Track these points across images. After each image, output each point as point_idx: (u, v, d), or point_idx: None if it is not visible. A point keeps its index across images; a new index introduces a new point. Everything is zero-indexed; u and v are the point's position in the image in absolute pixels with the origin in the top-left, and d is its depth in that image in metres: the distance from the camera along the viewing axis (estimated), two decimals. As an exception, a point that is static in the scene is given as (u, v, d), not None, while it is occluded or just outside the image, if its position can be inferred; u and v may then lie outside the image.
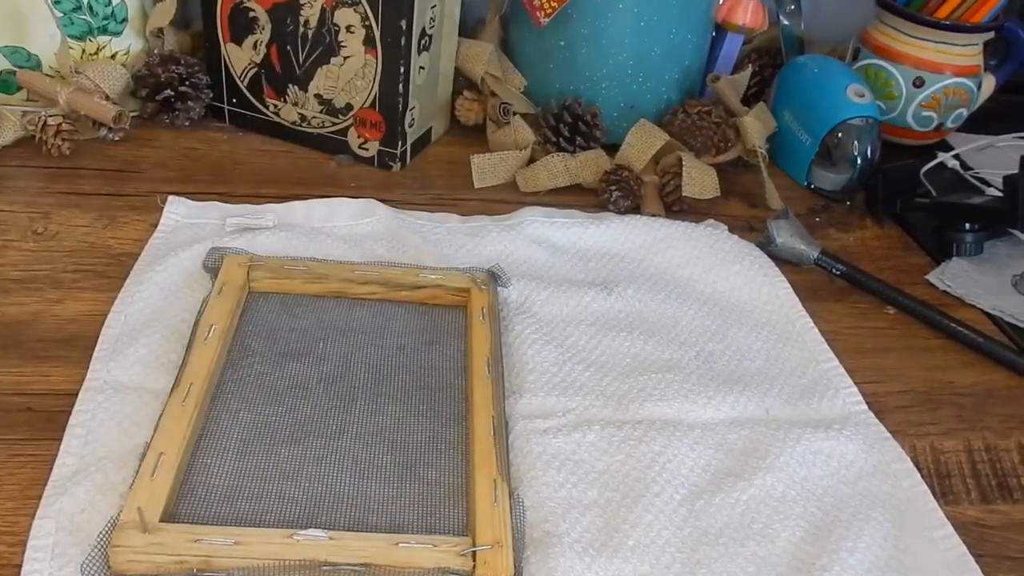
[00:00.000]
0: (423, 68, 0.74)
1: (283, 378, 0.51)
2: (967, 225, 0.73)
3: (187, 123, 0.77)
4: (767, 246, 0.69)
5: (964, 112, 0.89)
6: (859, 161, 0.80)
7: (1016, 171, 0.69)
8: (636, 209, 0.73)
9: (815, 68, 0.83)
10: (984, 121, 0.93)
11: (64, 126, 0.70)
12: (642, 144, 0.76)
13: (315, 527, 0.41)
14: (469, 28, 0.84)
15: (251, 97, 0.77)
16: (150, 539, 0.39)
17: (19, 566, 0.40)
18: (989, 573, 0.46)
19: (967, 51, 0.86)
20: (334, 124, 0.76)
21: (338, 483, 0.46)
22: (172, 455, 0.43)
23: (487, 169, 0.76)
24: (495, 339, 0.54)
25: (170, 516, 0.42)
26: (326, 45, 0.72)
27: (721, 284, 0.65)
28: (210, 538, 0.40)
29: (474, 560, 0.41)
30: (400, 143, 0.75)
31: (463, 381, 0.53)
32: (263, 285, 0.57)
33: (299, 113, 0.76)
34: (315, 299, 0.58)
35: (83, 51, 0.75)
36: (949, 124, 0.89)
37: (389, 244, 0.64)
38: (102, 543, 0.39)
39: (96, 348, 0.52)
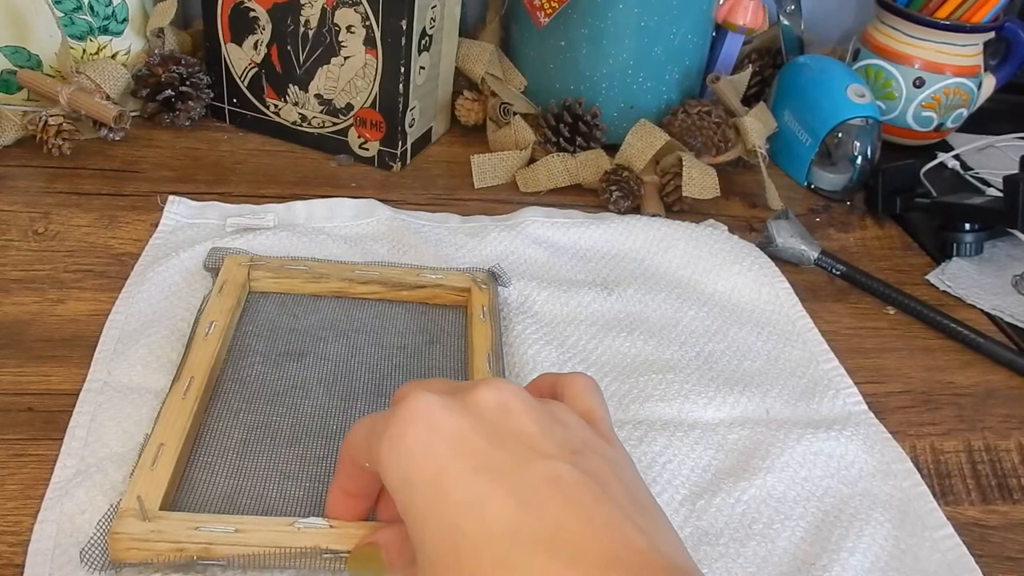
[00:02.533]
0: (423, 68, 0.74)
1: (283, 378, 0.51)
2: (967, 225, 0.73)
3: (187, 123, 0.77)
4: (767, 246, 0.69)
5: (964, 112, 0.89)
6: (859, 161, 0.80)
7: (1016, 171, 0.69)
8: (636, 209, 0.73)
9: (815, 68, 0.83)
10: (984, 121, 0.93)
11: (65, 126, 0.70)
12: (642, 144, 0.76)
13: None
14: (469, 28, 0.84)
15: (251, 97, 0.77)
16: (150, 527, 0.39)
17: (21, 566, 0.40)
18: (989, 573, 0.46)
19: (967, 51, 0.86)
20: (334, 124, 0.76)
21: (339, 483, 0.45)
22: (172, 446, 0.43)
23: (487, 169, 0.76)
24: (495, 338, 0.54)
25: (170, 506, 0.42)
26: (326, 45, 0.72)
27: (721, 284, 0.65)
28: (210, 526, 0.39)
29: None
30: (400, 143, 0.75)
31: (464, 380, 0.53)
32: (263, 285, 0.57)
33: (299, 113, 0.76)
34: (315, 299, 0.58)
35: (84, 51, 0.75)
36: (949, 124, 0.89)
37: (389, 244, 0.64)
38: (102, 531, 0.39)
39: (97, 348, 0.52)
